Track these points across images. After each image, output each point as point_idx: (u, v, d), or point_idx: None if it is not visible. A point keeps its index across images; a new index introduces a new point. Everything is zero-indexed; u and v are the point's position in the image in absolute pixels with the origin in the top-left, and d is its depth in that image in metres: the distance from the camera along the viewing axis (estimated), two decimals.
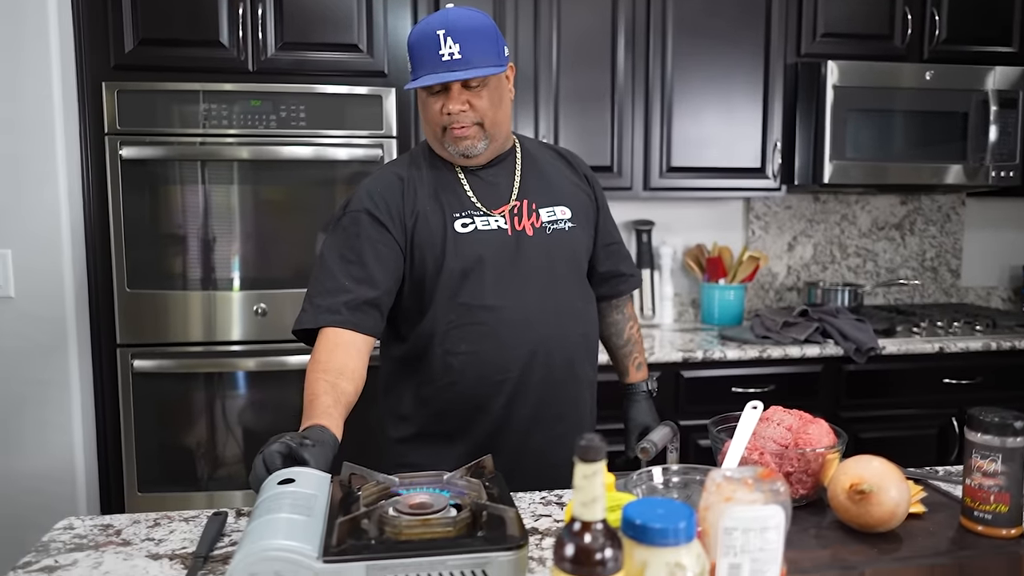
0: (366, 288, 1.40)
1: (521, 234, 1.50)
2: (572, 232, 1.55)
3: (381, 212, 1.45)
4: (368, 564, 0.91)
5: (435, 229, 1.46)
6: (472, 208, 1.49)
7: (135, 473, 2.35)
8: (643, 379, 1.74)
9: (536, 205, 1.53)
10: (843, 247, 3.14)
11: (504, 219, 1.49)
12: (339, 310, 1.38)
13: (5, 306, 2.18)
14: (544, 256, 1.50)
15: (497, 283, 1.46)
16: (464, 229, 1.47)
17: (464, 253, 1.46)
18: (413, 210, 1.47)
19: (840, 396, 2.53)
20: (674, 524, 0.78)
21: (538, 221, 1.51)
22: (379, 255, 1.43)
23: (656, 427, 1.32)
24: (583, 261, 1.60)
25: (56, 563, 1.04)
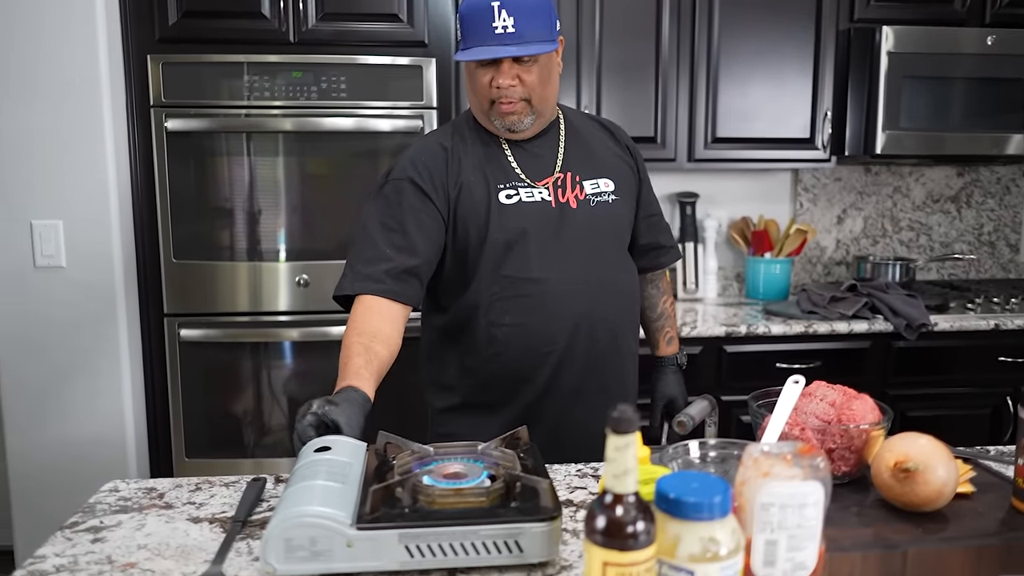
0: (407, 256, 1.40)
1: (565, 206, 1.48)
2: (615, 204, 1.53)
3: (424, 181, 1.44)
4: (400, 532, 0.92)
5: (479, 200, 1.45)
6: (516, 180, 1.48)
7: (183, 440, 2.41)
8: (673, 353, 1.73)
9: (580, 177, 1.51)
10: (895, 220, 3.04)
11: (548, 191, 1.48)
12: (380, 278, 1.38)
13: (57, 276, 2.24)
14: (588, 228, 1.49)
15: (541, 255, 1.46)
16: (508, 200, 1.45)
17: (508, 225, 1.45)
18: (457, 180, 1.46)
19: (888, 373, 2.47)
20: (709, 498, 0.76)
21: (582, 193, 1.50)
22: (421, 224, 1.42)
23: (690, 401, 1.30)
24: (626, 233, 1.59)
25: (101, 524, 1.07)
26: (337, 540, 0.91)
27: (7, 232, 2.21)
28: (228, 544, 0.99)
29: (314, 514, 0.91)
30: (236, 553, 0.98)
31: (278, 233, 2.40)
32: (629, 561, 0.73)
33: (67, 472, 2.28)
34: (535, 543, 0.93)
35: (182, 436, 2.40)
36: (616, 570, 0.73)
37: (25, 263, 2.22)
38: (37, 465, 2.29)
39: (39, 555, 0.98)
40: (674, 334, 1.75)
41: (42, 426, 2.28)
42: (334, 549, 0.91)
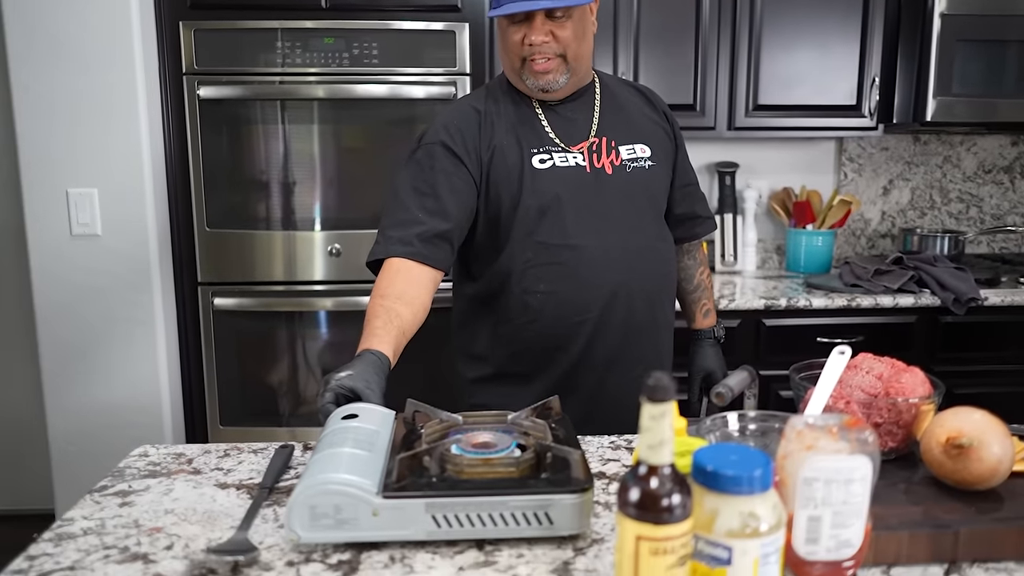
0: (439, 220, 1.37)
1: (600, 172, 1.45)
2: (652, 171, 1.49)
3: (457, 145, 1.41)
4: (428, 501, 0.89)
5: (512, 164, 1.42)
6: (550, 144, 1.44)
7: (217, 407, 2.43)
8: (710, 326, 1.68)
9: (615, 142, 1.47)
10: (944, 192, 2.93)
11: (583, 156, 1.45)
12: (410, 241, 1.35)
13: (92, 244, 2.25)
14: (624, 195, 1.46)
15: (576, 221, 1.42)
16: (542, 165, 1.42)
17: (541, 190, 1.41)
18: (490, 144, 1.43)
19: (935, 349, 2.38)
20: (749, 471, 0.72)
21: (617, 159, 1.46)
22: (453, 188, 1.40)
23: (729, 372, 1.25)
24: (662, 201, 1.55)
25: (129, 488, 1.06)
26: (362, 508, 0.89)
27: (44, 201, 2.23)
28: (254, 510, 0.98)
29: (339, 481, 0.89)
30: (262, 520, 0.97)
31: (311, 202, 2.39)
32: (664, 535, 0.70)
33: (105, 438, 2.31)
34: (566, 515, 0.90)
35: (216, 404, 2.42)
36: (650, 544, 0.70)
37: (62, 231, 2.24)
38: (76, 431, 2.32)
39: (67, 518, 0.98)
40: (711, 306, 1.70)
41: (80, 393, 2.31)
42: (359, 517, 0.89)
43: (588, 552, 0.90)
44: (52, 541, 0.92)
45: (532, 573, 0.85)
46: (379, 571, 0.86)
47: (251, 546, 0.89)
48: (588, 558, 0.88)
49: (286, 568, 0.86)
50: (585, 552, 0.90)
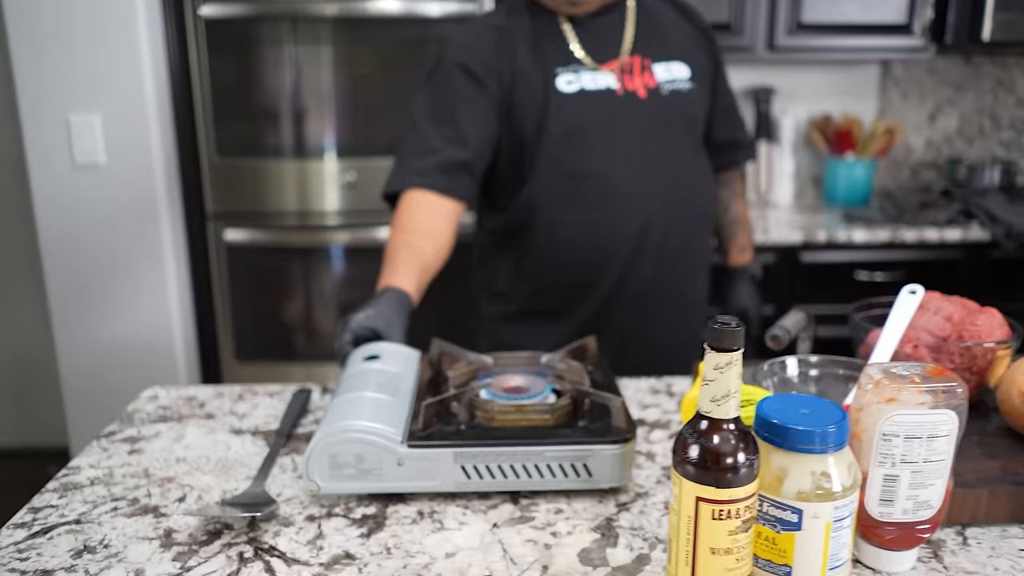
0: (458, 149, 1.28)
1: (632, 95, 1.34)
2: (690, 93, 1.38)
3: (476, 66, 1.30)
4: (456, 451, 0.82)
5: (535, 87, 1.31)
6: (577, 63, 1.33)
7: (231, 344, 2.37)
8: (746, 263, 1.59)
9: (650, 61, 1.36)
10: (995, 118, 2.76)
11: (614, 76, 1.34)
12: (428, 172, 1.26)
13: (96, 173, 2.16)
14: (659, 120, 1.35)
15: (607, 148, 1.32)
16: (568, 87, 1.31)
17: (568, 115, 1.31)
18: (511, 65, 1.32)
19: (983, 286, 2.27)
20: (823, 427, 0.64)
21: (652, 80, 1.35)
22: (473, 114, 1.30)
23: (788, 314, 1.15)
24: (700, 126, 1.44)
25: (139, 434, 1.00)
26: (386, 458, 0.82)
27: (44, 129, 2.13)
28: (271, 459, 0.91)
29: (362, 429, 0.82)
30: (280, 469, 0.90)
31: (325, 129, 2.28)
32: (728, 498, 0.62)
33: (117, 374, 2.27)
34: (606, 467, 0.83)
35: (231, 339, 2.37)
36: (712, 507, 0.62)
37: (63, 160, 2.14)
38: (87, 367, 2.28)
39: (73, 466, 0.92)
40: (747, 243, 1.60)
41: (90, 329, 2.26)
42: (383, 467, 0.82)
43: (632, 508, 0.82)
44: (57, 491, 0.86)
45: (572, 530, 0.78)
46: (407, 526, 0.79)
47: (269, 498, 0.83)
48: (632, 514, 0.81)
49: (307, 523, 0.80)
50: (629, 508, 0.82)
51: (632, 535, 0.78)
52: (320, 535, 0.78)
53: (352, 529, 0.79)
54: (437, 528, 0.79)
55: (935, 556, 0.74)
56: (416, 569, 0.73)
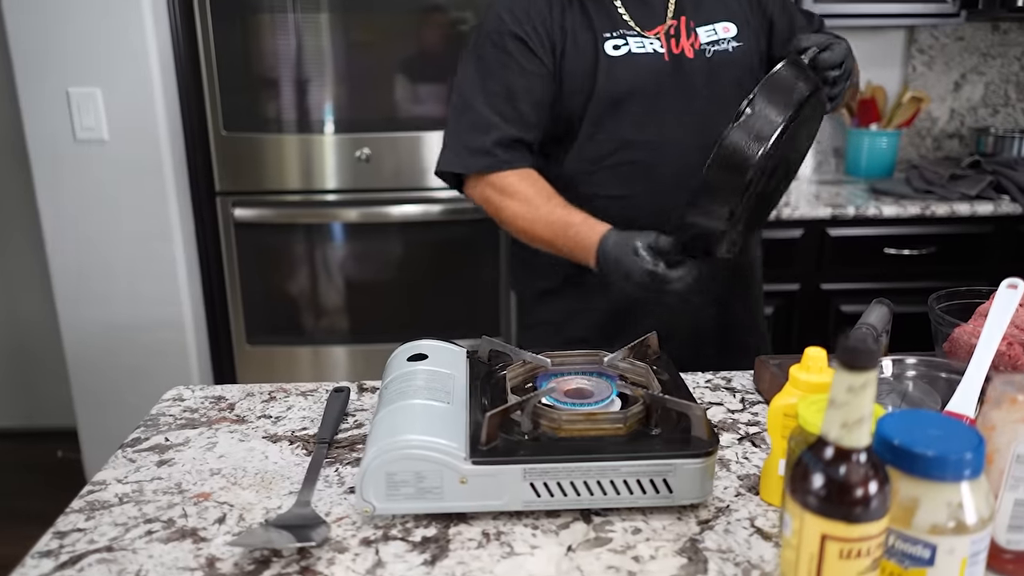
0: (517, 128, 1.23)
1: (680, 58, 1.26)
2: (738, 52, 1.29)
3: (528, 34, 1.23)
4: (526, 467, 0.75)
5: (585, 52, 1.23)
6: (624, 27, 1.25)
7: (243, 325, 2.29)
8: None
9: (694, 23, 1.28)
10: (1021, 87, 2.68)
11: (660, 41, 1.26)
12: (490, 150, 1.22)
13: (100, 150, 2.05)
14: (707, 83, 1.27)
15: (653, 115, 1.26)
16: (617, 52, 1.23)
17: (616, 79, 1.24)
18: (562, 28, 1.24)
19: (1014, 261, 2.21)
20: (959, 453, 0.57)
21: (697, 42, 1.27)
22: (530, 87, 1.23)
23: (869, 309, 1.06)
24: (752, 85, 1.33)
25: (167, 441, 0.92)
26: (448, 476, 0.74)
27: (44, 103, 2.02)
28: (315, 471, 0.84)
29: (421, 444, 0.74)
30: (324, 483, 0.83)
31: (339, 102, 2.17)
32: (859, 535, 0.55)
33: (125, 356, 2.19)
34: (687, 482, 0.76)
35: (242, 322, 2.28)
36: (840, 545, 0.55)
37: (65, 136, 2.04)
38: (95, 349, 2.20)
39: (99, 481, 0.84)
40: None
41: (96, 310, 2.17)
42: (444, 486, 0.75)
43: (716, 526, 0.76)
44: (83, 512, 0.78)
45: (656, 554, 0.72)
46: (473, 551, 0.72)
47: (318, 518, 0.76)
48: (718, 534, 0.74)
49: (363, 548, 0.73)
50: (712, 526, 0.76)
51: (722, 559, 0.71)
52: (379, 563, 0.71)
53: (414, 555, 0.72)
54: (507, 553, 0.72)
55: None
56: None
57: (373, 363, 2.28)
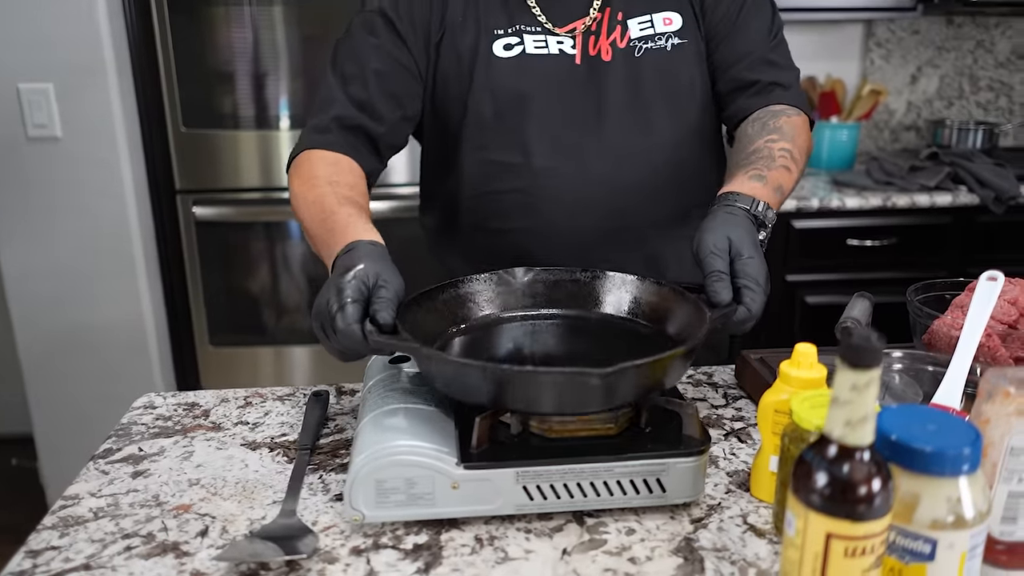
0: (364, 115, 1.05)
1: (594, 60, 1.05)
2: (677, 52, 1.06)
3: (401, 16, 1.06)
4: (518, 471, 0.74)
5: (464, 51, 1.06)
6: (527, 23, 1.06)
7: (205, 327, 2.23)
8: (755, 195, 0.93)
9: (624, 15, 1.07)
10: (974, 79, 2.74)
11: (574, 40, 1.06)
12: (328, 128, 1.04)
13: (52, 148, 1.98)
14: (628, 91, 1.05)
15: (544, 132, 1.05)
16: (506, 53, 1.05)
17: (500, 86, 1.05)
18: (442, 20, 1.06)
19: (972, 251, 2.26)
20: (958, 448, 0.57)
21: (623, 39, 1.06)
22: (387, 74, 1.05)
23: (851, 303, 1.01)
24: (694, 95, 1.09)
25: (141, 451, 0.89)
26: (440, 481, 0.73)
27: None
28: (298, 479, 0.82)
29: (411, 450, 0.73)
30: (309, 491, 0.81)
31: (303, 97, 2.13)
32: (864, 533, 0.55)
33: (84, 360, 2.13)
34: (680, 481, 0.76)
35: (204, 322, 2.23)
36: (845, 544, 0.55)
37: (15, 134, 1.96)
38: (49, 350, 2.13)
39: (71, 495, 0.81)
40: (769, 176, 0.96)
41: (49, 310, 2.10)
42: (436, 491, 0.73)
43: (709, 524, 0.75)
44: (56, 528, 0.75)
45: (652, 555, 0.71)
46: (467, 557, 0.71)
47: (305, 528, 0.73)
48: (712, 532, 0.74)
49: (353, 557, 0.71)
50: (706, 524, 0.75)
51: (718, 558, 0.71)
52: (372, 572, 0.69)
53: (406, 563, 0.70)
54: (502, 558, 0.71)
55: None
56: None
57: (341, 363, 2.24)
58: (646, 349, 0.75)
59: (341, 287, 0.76)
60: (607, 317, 0.94)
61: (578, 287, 0.95)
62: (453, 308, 0.91)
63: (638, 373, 0.72)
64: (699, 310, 0.83)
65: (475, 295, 0.94)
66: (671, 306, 0.89)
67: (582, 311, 0.95)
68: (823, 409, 0.69)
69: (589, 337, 0.91)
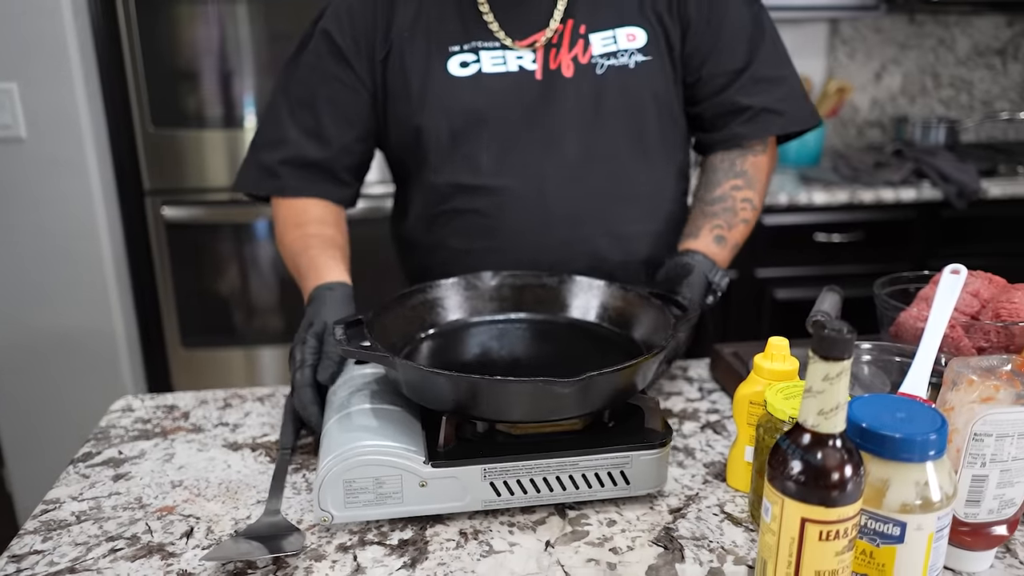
0: (314, 146, 1.07)
1: (555, 75, 1.03)
2: (642, 68, 1.04)
3: (345, 37, 1.04)
4: (485, 467, 0.75)
5: (414, 69, 1.03)
6: (482, 38, 1.03)
7: (176, 329, 2.21)
8: (717, 257, 1.05)
9: (587, 28, 1.04)
10: (936, 76, 2.81)
11: (534, 55, 1.03)
12: (276, 172, 1.08)
13: (16, 149, 1.95)
14: (588, 108, 1.04)
15: (506, 153, 1.03)
16: (462, 71, 1.03)
17: (456, 108, 1.03)
18: (386, 34, 1.03)
19: (935, 245, 2.32)
20: (925, 434, 0.60)
21: (585, 54, 1.04)
22: (335, 99, 1.05)
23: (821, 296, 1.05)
24: (663, 113, 1.08)
25: (121, 454, 0.89)
26: (408, 480, 0.74)
27: None
28: (281, 479, 0.82)
29: (379, 450, 0.73)
30: (293, 490, 0.82)
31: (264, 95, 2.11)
32: (837, 517, 0.57)
33: (51, 362, 2.09)
34: (643, 473, 0.77)
35: (176, 324, 2.21)
36: (819, 528, 0.57)
37: None
38: (17, 355, 2.09)
39: (52, 499, 0.80)
40: (729, 236, 1.08)
41: (16, 313, 2.06)
42: (404, 490, 0.74)
43: (687, 514, 0.77)
44: (38, 533, 0.75)
45: (633, 544, 0.73)
46: (452, 551, 0.72)
47: (291, 526, 0.74)
48: (690, 522, 0.76)
49: (340, 554, 0.71)
50: (684, 514, 0.77)
51: (697, 547, 0.73)
52: (359, 569, 0.70)
53: (393, 559, 0.71)
54: (486, 552, 0.72)
55: (1008, 552, 0.72)
56: None
57: None
58: (613, 354, 0.77)
59: (295, 351, 0.89)
60: (574, 322, 0.95)
61: (545, 291, 0.97)
62: (422, 313, 0.93)
63: (605, 381, 0.73)
64: (665, 316, 0.86)
65: (443, 300, 0.95)
66: (637, 312, 0.91)
67: (549, 315, 0.96)
68: (796, 399, 0.71)
69: (556, 342, 0.92)
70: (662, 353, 0.78)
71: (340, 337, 0.79)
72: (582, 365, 0.72)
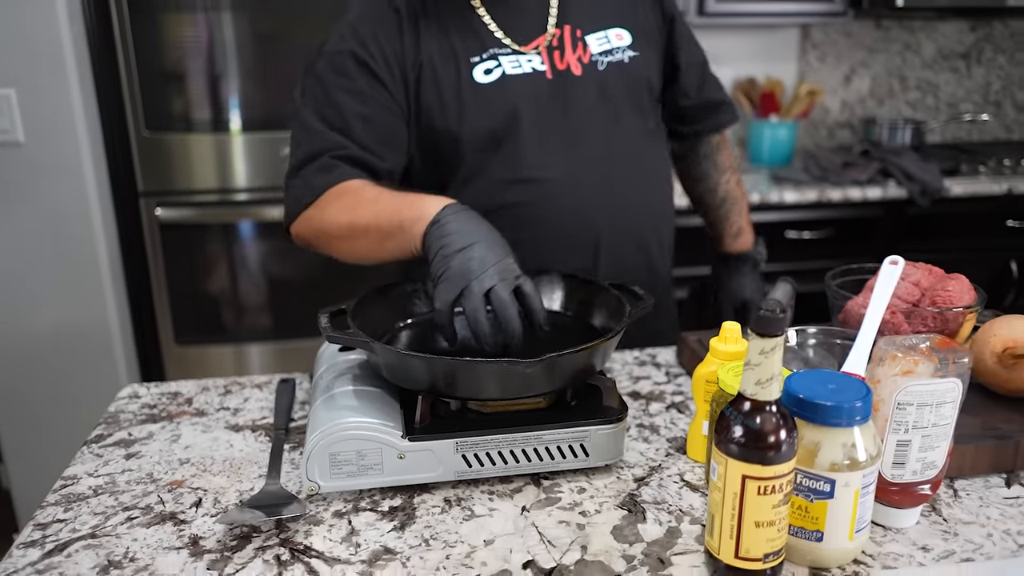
0: (357, 149, 1.08)
1: (566, 75, 1.14)
2: (634, 63, 1.18)
3: (372, 56, 1.08)
4: (457, 441, 0.83)
5: (447, 82, 1.10)
6: (496, 46, 1.12)
7: (170, 327, 2.28)
8: (745, 248, 1.39)
9: (581, 32, 1.16)
10: (903, 79, 2.91)
11: (541, 57, 1.13)
12: (336, 166, 1.06)
13: (15, 153, 2.01)
14: (600, 101, 1.16)
15: (538, 146, 1.13)
16: (487, 77, 1.11)
17: (491, 110, 1.11)
18: (417, 58, 1.09)
19: (900, 241, 2.42)
20: (851, 402, 0.68)
21: (586, 54, 1.15)
22: (369, 116, 1.08)
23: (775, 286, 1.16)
24: (649, 100, 1.23)
25: (130, 436, 0.96)
26: (388, 453, 0.82)
27: None
28: (278, 455, 0.90)
29: (361, 426, 0.81)
30: (291, 465, 0.89)
31: (265, 99, 2.18)
32: (773, 474, 0.65)
33: (48, 359, 2.15)
34: (600, 446, 0.85)
35: (170, 323, 2.27)
36: (757, 483, 0.66)
37: None
38: (15, 353, 2.14)
39: (69, 475, 0.88)
40: (743, 224, 1.39)
41: (14, 313, 2.11)
42: (384, 462, 0.82)
43: (650, 482, 0.86)
44: (60, 505, 0.82)
45: (600, 508, 0.81)
46: (438, 516, 0.80)
47: (291, 496, 0.82)
48: (652, 488, 0.84)
49: (336, 519, 0.79)
50: (648, 482, 0.86)
51: (657, 509, 0.81)
52: (353, 531, 0.77)
53: (384, 523, 0.79)
54: (468, 516, 0.80)
55: (934, 510, 0.81)
56: (459, 559, 0.74)
57: (308, 358, 2.30)
58: (572, 338, 0.85)
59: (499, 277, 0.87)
60: None
61: None
62: (401, 303, 1.01)
63: (564, 361, 0.81)
64: (620, 304, 0.94)
65: (420, 292, 1.03)
66: (596, 301, 1.01)
67: None
68: None
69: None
70: (616, 337, 0.87)
71: (324, 325, 0.87)
72: (545, 349, 0.80)
